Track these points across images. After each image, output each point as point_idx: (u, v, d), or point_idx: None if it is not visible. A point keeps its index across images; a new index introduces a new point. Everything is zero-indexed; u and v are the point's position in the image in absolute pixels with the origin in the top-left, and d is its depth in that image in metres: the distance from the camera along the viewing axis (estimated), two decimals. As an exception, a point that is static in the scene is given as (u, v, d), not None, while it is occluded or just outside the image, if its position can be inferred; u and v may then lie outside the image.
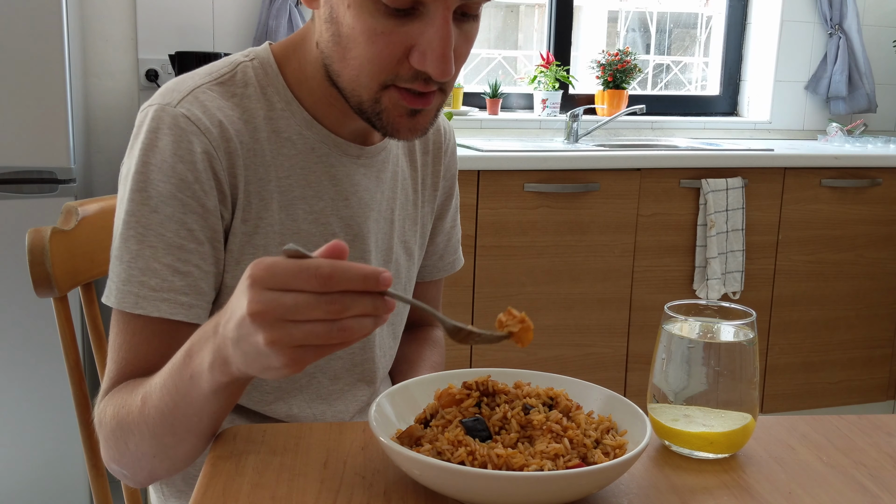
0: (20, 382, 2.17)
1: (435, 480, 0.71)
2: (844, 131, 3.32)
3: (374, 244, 1.05)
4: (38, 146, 2.09)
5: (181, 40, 2.73)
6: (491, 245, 2.54)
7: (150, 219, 0.89)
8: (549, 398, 0.81)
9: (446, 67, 0.85)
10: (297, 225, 0.98)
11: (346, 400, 1.08)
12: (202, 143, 0.90)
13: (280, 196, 0.97)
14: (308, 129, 0.98)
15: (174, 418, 0.81)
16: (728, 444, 0.84)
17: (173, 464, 0.88)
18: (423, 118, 0.91)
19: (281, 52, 1.00)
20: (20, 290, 2.10)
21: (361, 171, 1.02)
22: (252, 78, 0.97)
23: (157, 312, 0.89)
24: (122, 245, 0.90)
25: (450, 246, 1.24)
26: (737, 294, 2.81)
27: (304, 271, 0.65)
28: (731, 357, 0.83)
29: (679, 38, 3.63)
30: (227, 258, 0.95)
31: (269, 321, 0.66)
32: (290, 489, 0.75)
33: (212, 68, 0.98)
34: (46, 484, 2.23)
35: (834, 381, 3.04)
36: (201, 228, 0.91)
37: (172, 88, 0.94)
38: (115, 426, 0.87)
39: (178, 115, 0.91)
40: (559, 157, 2.57)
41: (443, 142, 1.17)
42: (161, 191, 0.89)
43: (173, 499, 1.08)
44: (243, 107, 0.95)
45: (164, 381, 0.81)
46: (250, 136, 0.95)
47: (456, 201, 1.23)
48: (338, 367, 1.06)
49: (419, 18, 0.84)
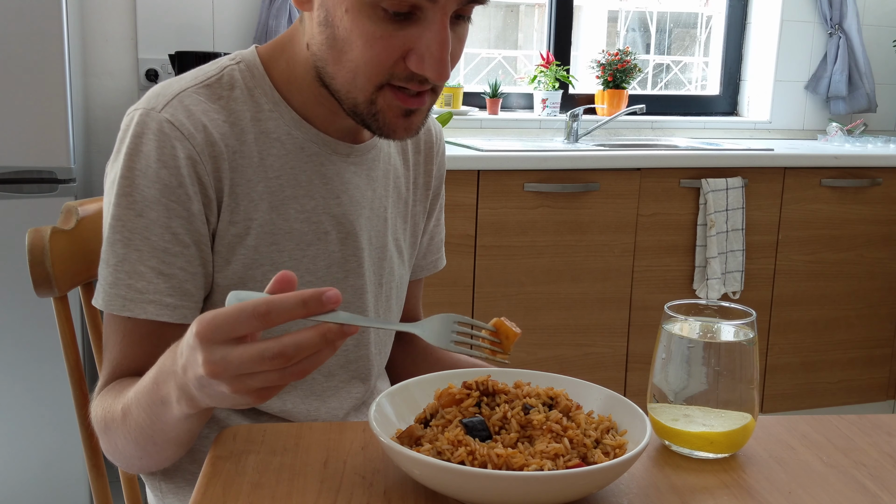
0: (20, 382, 2.17)
1: (435, 480, 0.71)
2: (844, 131, 3.32)
3: (367, 242, 1.05)
4: (38, 146, 2.09)
5: (181, 40, 2.73)
6: (491, 245, 2.54)
7: (135, 223, 0.91)
8: (549, 398, 0.81)
9: (444, 71, 0.86)
10: (289, 224, 0.98)
11: (340, 397, 1.08)
12: (185, 148, 0.91)
13: (270, 196, 0.97)
14: (297, 128, 0.99)
15: (153, 432, 0.83)
16: (728, 443, 0.84)
17: (159, 463, 0.91)
18: (417, 118, 0.92)
19: (267, 53, 1.00)
20: (20, 290, 2.10)
21: (352, 170, 1.03)
22: (238, 80, 0.98)
23: (143, 314, 0.91)
24: (109, 249, 0.92)
25: (433, 245, 1.24)
26: (737, 294, 2.81)
27: (243, 313, 0.66)
28: (731, 357, 0.83)
29: (679, 37, 3.64)
30: (216, 259, 0.96)
31: (226, 378, 0.69)
32: (290, 489, 0.75)
33: (198, 72, 0.98)
34: (46, 484, 2.23)
35: (834, 381, 3.04)
36: (186, 232, 0.92)
37: (158, 93, 0.95)
38: (103, 427, 0.91)
39: (162, 121, 0.91)
40: (559, 156, 2.57)
41: (434, 142, 1.18)
42: (146, 195, 0.91)
43: (171, 495, 1.08)
44: (230, 109, 0.96)
45: (139, 399, 0.83)
46: (236, 138, 0.95)
47: (442, 201, 1.23)
48: (332, 364, 1.07)
49: (417, 22, 0.85)
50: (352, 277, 1.04)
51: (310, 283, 1.01)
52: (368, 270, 1.06)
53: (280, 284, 0.69)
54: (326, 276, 1.02)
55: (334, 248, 1.02)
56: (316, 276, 1.01)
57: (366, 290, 1.06)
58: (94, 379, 1.33)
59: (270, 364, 0.67)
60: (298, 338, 0.67)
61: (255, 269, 0.97)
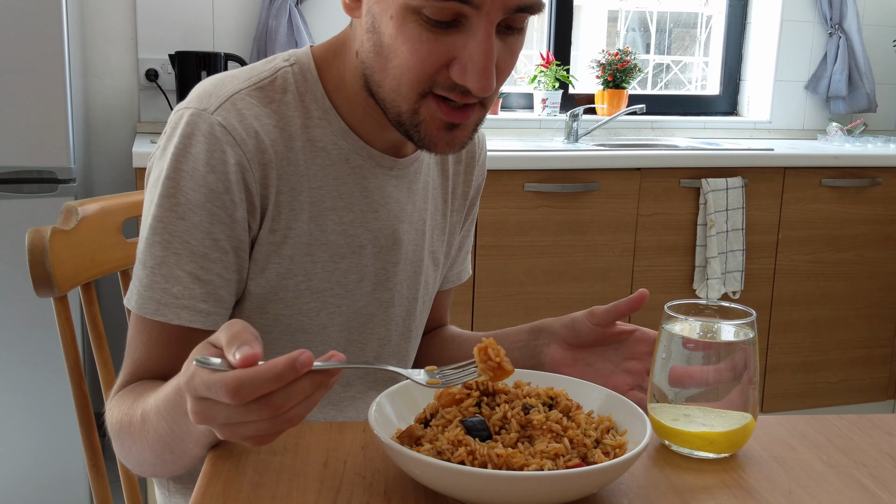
0: (20, 382, 2.17)
1: (435, 480, 0.71)
2: (844, 131, 3.32)
3: (403, 256, 1.04)
4: (38, 146, 2.09)
5: (181, 40, 2.73)
6: (491, 245, 2.54)
7: (176, 226, 0.89)
8: (549, 398, 0.81)
9: (487, 83, 0.83)
10: (326, 236, 0.97)
11: (357, 406, 1.08)
12: (236, 154, 0.89)
13: (311, 206, 0.95)
14: (343, 139, 0.97)
15: (172, 442, 0.82)
16: (728, 443, 0.84)
17: (173, 471, 0.90)
18: (462, 133, 0.90)
19: (321, 56, 0.98)
20: (20, 290, 2.10)
21: (393, 183, 1.01)
22: (291, 84, 0.95)
23: (177, 320, 0.89)
24: (147, 250, 0.90)
25: (460, 256, 1.22)
26: (737, 294, 2.81)
27: (214, 386, 0.65)
28: (731, 357, 0.83)
29: (679, 37, 3.63)
30: (252, 267, 0.94)
31: (215, 426, 0.68)
32: (290, 489, 0.75)
33: (252, 71, 0.96)
34: (46, 484, 2.23)
35: (834, 380, 3.04)
36: (227, 238, 0.90)
37: (211, 92, 0.92)
38: (119, 430, 0.89)
39: (213, 123, 0.89)
40: (559, 156, 2.57)
41: (476, 151, 1.15)
42: (190, 199, 0.88)
43: (178, 495, 1.08)
44: (280, 114, 0.94)
45: (159, 408, 0.81)
46: (285, 144, 0.93)
47: (476, 211, 1.21)
48: (350, 373, 1.06)
49: (462, 31, 0.83)
50: (380, 290, 1.03)
51: (338, 294, 0.99)
52: (401, 284, 1.05)
53: (246, 362, 0.65)
54: (356, 289, 1.01)
55: (368, 262, 1.01)
56: (346, 288, 1.00)
57: (393, 303, 1.05)
58: (95, 379, 1.33)
59: (258, 414, 0.65)
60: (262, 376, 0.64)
61: (289, 279, 0.96)
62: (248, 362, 0.64)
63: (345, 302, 1.01)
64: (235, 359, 0.64)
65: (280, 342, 0.98)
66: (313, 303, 0.98)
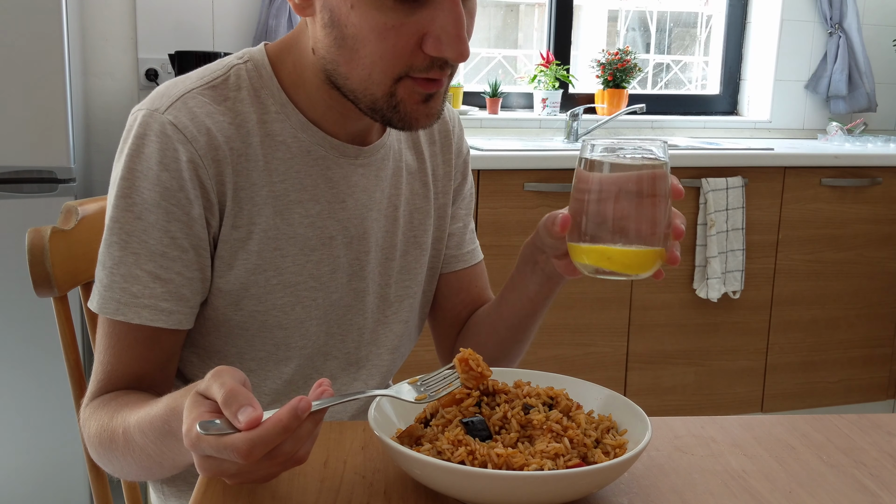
0: (20, 382, 2.17)
1: (435, 480, 0.71)
2: (844, 130, 3.32)
3: (374, 243, 1.04)
4: (38, 146, 2.09)
5: (181, 40, 2.73)
6: (491, 244, 2.54)
7: (133, 225, 0.89)
8: (549, 398, 0.81)
9: (464, 49, 0.84)
10: (293, 229, 0.97)
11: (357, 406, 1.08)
12: (188, 151, 0.90)
13: (274, 200, 0.96)
14: (303, 131, 0.97)
15: (162, 459, 0.82)
16: (627, 262, 0.82)
17: (162, 477, 0.93)
18: (436, 102, 0.90)
19: (276, 53, 0.98)
20: (20, 290, 2.10)
21: (360, 172, 1.01)
22: (245, 81, 0.96)
23: (137, 319, 0.90)
24: (106, 250, 0.91)
25: (467, 235, 1.21)
26: (737, 293, 2.81)
27: (225, 451, 0.65)
28: (640, 185, 0.81)
29: (679, 37, 3.63)
30: (217, 264, 0.95)
31: (225, 477, 0.69)
32: (290, 489, 0.75)
33: (205, 71, 0.96)
34: (46, 484, 2.23)
35: (834, 380, 3.04)
36: (185, 236, 0.91)
37: (162, 93, 0.93)
38: (97, 443, 0.89)
39: (164, 123, 0.90)
40: (559, 156, 2.57)
41: (450, 129, 1.15)
42: (146, 198, 0.89)
43: (174, 499, 1.08)
44: (235, 111, 0.94)
45: (144, 429, 0.81)
46: (241, 140, 0.94)
47: (470, 187, 1.20)
48: (333, 366, 1.06)
49: (427, 5, 0.83)
50: (355, 280, 1.03)
51: (313, 287, 0.99)
52: (372, 272, 1.05)
53: (251, 425, 0.66)
54: (330, 281, 1.01)
55: (340, 253, 1.01)
56: (319, 281, 1.00)
57: (367, 291, 1.05)
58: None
59: (269, 465, 0.67)
60: (270, 433, 0.65)
61: (258, 274, 0.96)
62: (254, 425, 0.65)
63: (320, 295, 1.00)
64: (240, 422, 0.65)
65: (259, 338, 0.99)
66: (287, 297, 0.98)
